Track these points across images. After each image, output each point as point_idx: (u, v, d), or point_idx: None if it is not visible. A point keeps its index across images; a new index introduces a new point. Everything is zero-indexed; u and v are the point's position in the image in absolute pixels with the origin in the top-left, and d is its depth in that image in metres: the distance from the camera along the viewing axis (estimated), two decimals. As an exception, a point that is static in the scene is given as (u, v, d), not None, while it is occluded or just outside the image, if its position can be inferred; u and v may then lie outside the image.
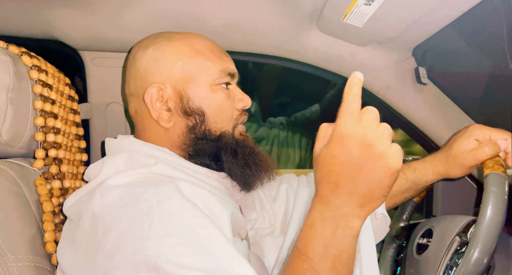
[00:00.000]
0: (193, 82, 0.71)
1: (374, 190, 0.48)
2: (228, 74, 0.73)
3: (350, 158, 0.48)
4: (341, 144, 0.48)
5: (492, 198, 0.61)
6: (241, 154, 0.72)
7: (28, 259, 0.62)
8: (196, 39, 0.74)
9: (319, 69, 1.08)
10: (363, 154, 0.47)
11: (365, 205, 0.49)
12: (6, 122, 0.66)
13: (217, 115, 0.72)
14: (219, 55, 0.74)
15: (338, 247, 0.49)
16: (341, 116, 0.49)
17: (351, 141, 0.48)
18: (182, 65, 0.71)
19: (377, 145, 0.47)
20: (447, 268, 0.70)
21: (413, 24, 0.86)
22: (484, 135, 0.76)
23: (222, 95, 0.72)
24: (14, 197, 0.66)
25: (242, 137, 0.75)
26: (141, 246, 0.50)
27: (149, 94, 0.70)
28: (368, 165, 0.47)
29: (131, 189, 0.58)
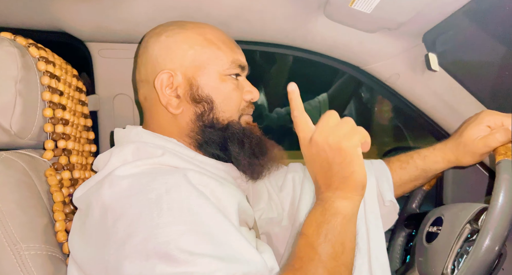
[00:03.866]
0: (204, 71, 0.71)
1: (338, 171, 0.57)
2: (238, 65, 0.74)
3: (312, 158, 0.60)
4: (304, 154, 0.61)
5: (504, 185, 0.60)
6: (248, 144, 0.73)
7: (41, 248, 0.63)
8: (208, 29, 0.75)
9: (327, 57, 1.06)
10: (316, 150, 0.58)
11: (341, 187, 0.57)
12: (16, 113, 0.67)
13: (225, 104, 0.72)
14: (230, 46, 0.75)
15: (328, 223, 0.56)
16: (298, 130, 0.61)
17: (304, 147, 0.60)
18: (193, 53, 0.71)
19: (321, 137, 0.57)
20: (457, 256, 0.69)
21: (423, 9, 0.84)
22: (495, 121, 0.75)
23: (231, 85, 0.73)
24: (25, 188, 0.67)
25: (249, 126, 0.76)
26: (151, 234, 0.51)
27: (159, 80, 0.70)
28: (323, 156, 0.58)
29: (139, 179, 0.59)
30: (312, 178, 0.62)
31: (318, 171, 0.59)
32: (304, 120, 0.60)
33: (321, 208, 0.58)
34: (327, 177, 0.58)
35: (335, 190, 0.58)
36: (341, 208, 0.57)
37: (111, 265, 0.53)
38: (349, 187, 0.57)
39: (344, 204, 0.57)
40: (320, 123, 0.58)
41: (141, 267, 0.50)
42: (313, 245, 0.55)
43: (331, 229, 0.56)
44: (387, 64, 1.04)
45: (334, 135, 0.56)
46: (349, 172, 0.56)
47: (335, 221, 0.57)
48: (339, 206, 0.57)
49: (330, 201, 0.58)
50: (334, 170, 0.57)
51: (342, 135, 0.56)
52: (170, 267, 0.49)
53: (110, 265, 0.53)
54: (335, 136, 0.56)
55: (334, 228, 0.56)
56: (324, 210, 0.58)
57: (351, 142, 0.56)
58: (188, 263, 0.49)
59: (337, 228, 0.56)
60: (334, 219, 0.57)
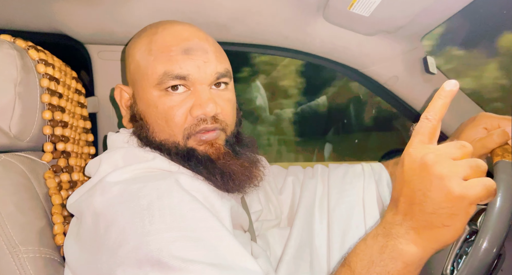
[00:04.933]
0: (141, 86, 0.67)
1: (430, 214, 0.44)
2: (175, 77, 0.64)
3: (410, 178, 0.46)
4: (403, 162, 0.48)
5: (502, 186, 0.60)
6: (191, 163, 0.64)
7: (39, 251, 0.63)
8: (159, 34, 0.67)
9: (326, 60, 1.07)
10: (420, 174, 0.45)
11: (421, 231, 0.46)
12: (15, 115, 0.67)
13: (159, 124, 0.65)
14: (170, 54, 0.65)
15: (384, 267, 0.47)
16: (412, 135, 0.48)
17: (410, 159, 0.47)
18: (134, 66, 0.68)
19: (436, 166, 0.44)
20: (456, 257, 0.69)
21: (421, 13, 0.84)
22: (492, 123, 0.75)
23: (168, 102, 0.64)
24: (24, 190, 0.67)
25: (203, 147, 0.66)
26: (143, 241, 0.50)
27: (116, 93, 0.72)
28: (425, 185, 0.44)
29: (131, 185, 0.58)
30: (393, 195, 0.49)
31: (407, 195, 0.46)
32: (433, 128, 0.47)
33: (382, 243, 0.48)
34: (413, 210, 0.46)
35: (411, 230, 0.46)
36: (407, 254, 0.46)
37: (103, 272, 0.52)
38: (430, 237, 0.45)
39: (412, 251, 0.46)
40: (445, 148, 0.45)
41: (134, 274, 0.49)
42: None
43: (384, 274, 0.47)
44: (386, 66, 1.04)
45: (454, 172, 0.43)
46: (442, 224, 0.44)
47: (393, 267, 0.46)
48: (405, 251, 0.46)
49: (397, 240, 0.47)
50: (426, 209, 0.45)
51: (463, 178, 0.43)
52: (162, 274, 0.48)
53: (103, 272, 0.53)
54: (454, 174, 0.43)
55: (388, 274, 0.46)
56: (384, 248, 0.47)
57: (470, 192, 0.43)
58: (181, 270, 0.48)
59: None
60: (393, 264, 0.46)
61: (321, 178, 0.91)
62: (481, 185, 0.43)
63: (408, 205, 0.46)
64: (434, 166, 0.44)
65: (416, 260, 0.47)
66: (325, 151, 1.92)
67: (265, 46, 1.05)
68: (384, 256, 0.47)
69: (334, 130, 1.89)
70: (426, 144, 0.47)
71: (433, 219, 0.45)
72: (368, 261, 0.48)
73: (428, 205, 0.44)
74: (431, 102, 0.48)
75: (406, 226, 0.47)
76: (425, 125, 0.47)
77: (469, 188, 0.43)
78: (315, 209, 0.85)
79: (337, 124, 1.87)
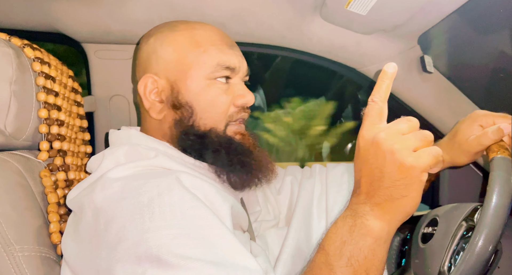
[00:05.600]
0: (186, 75, 0.69)
1: (389, 188, 0.48)
2: (225, 68, 0.70)
3: (366, 158, 0.50)
4: (358, 145, 0.51)
5: (498, 181, 0.60)
6: (224, 154, 0.69)
7: (34, 249, 0.63)
8: (199, 30, 0.72)
9: (323, 59, 1.07)
10: (375, 152, 0.48)
11: (384, 206, 0.49)
12: (10, 114, 0.66)
13: (207, 110, 0.69)
14: (220, 47, 0.71)
15: (355, 245, 0.49)
16: (363, 118, 0.51)
17: (363, 140, 0.50)
18: (177, 57, 0.70)
19: (387, 142, 0.47)
20: (453, 253, 0.69)
21: (418, 12, 0.84)
22: (487, 121, 0.75)
23: (217, 90, 0.70)
24: (20, 189, 0.67)
25: (238, 136, 0.72)
26: (143, 238, 0.51)
27: (142, 84, 0.71)
28: (380, 162, 0.48)
29: (132, 181, 0.58)
30: (355, 177, 0.53)
31: (366, 174, 0.50)
32: (379, 110, 0.50)
33: (351, 223, 0.50)
34: (373, 188, 0.49)
35: (375, 206, 0.49)
36: (375, 230, 0.49)
37: (102, 268, 0.53)
38: (392, 209, 0.48)
39: (379, 226, 0.49)
40: (392, 125, 0.49)
41: (133, 271, 0.49)
42: (333, 266, 0.49)
43: (357, 252, 0.49)
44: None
45: (403, 145, 0.47)
46: (400, 195, 0.48)
47: (363, 243, 0.49)
48: (372, 226, 0.49)
49: (364, 217, 0.50)
50: (384, 183, 0.48)
51: (412, 149, 0.47)
52: (161, 271, 0.48)
53: (102, 268, 0.53)
54: (404, 147, 0.47)
55: (360, 252, 0.49)
56: (353, 227, 0.50)
57: (420, 162, 0.46)
58: (180, 268, 0.48)
59: (364, 252, 0.49)
60: (363, 241, 0.49)
61: (319, 178, 0.91)
62: (429, 153, 0.47)
63: (368, 183, 0.50)
64: (385, 142, 0.47)
65: (383, 233, 0.49)
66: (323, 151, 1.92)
67: (262, 45, 1.05)
68: (354, 235, 0.50)
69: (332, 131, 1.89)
70: (377, 125, 0.50)
71: (392, 192, 0.48)
72: (340, 242, 0.50)
73: (385, 180, 0.48)
74: (375, 86, 0.51)
75: (370, 204, 0.50)
76: (373, 108, 0.50)
77: (419, 158, 0.46)
78: (313, 209, 0.85)
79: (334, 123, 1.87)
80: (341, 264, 0.49)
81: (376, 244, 0.49)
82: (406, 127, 0.48)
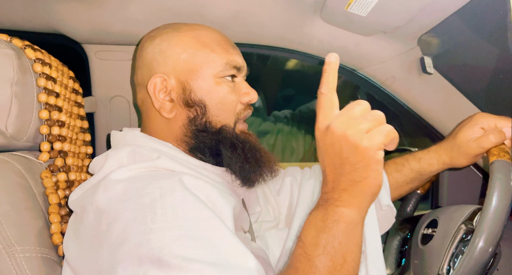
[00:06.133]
0: (197, 74, 0.71)
1: (350, 172, 0.50)
2: (233, 67, 0.72)
3: (325, 148, 0.52)
4: (317, 138, 0.53)
5: (497, 185, 0.60)
6: (240, 149, 0.71)
7: (36, 250, 0.63)
8: (203, 31, 0.74)
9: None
10: (331, 141, 0.50)
11: (349, 190, 0.50)
12: (11, 115, 0.67)
13: (219, 108, 0.71)
14: (225, 47, 0.73)
15: (329, 232, 0.51)
16: (318, 111, 0.53)
17: (319, 132, 0.52)
18: (187, 57, 0.71)
19: (339, 129, 0.49)
20: (452, 256, 0.69)
21: (418, 13, 0.84)
22: (489, 123, 0.75)
23: (226, 88, 0.72)
24: (21, 190, 0.67)
25: (244, 135, 0.75)
26: (145, 239, 0.51)
27: (152, 84, 0.71)
28: (337, 149, 0.50)
29: (134, 183, 0.58)
30: (321, 169, 0.54)
31: (329, 164, 0.52)
32: (330, 101, 0.51)
33: (323, 212, 0.52)
34: (337, 175, 0.51)
35: (342, 192, 0.51)
36: (345, 215, 0.51)
37: (104, 269, 0.53)
38: (358, 193, 0.50)
39: (349, 210, 0.51)
40: (344, 111, 0.50)
41: (134, 272, 0.49)
42: (310, 256, 0.51)
43: (331, 238, 0.50)
44: (383, 67, 1.04)
45: (355, 129, 0.48)
46: (362, 177, 0.49)
47: (337, 229, 0.50)
48: (343, 212, 0.51)
49: (333, 205, 0.51)
50: (345, 169, 0.50)
51: (364, 131, 0.48)
52: (163, 272, 0.48)
53: (103, 269, 0.53)
54: (356, 131, 0.48)
55: (334, 238, 0.50)
56: (325, 215, 0.52)
57: (373, 142, 0.48)
58: (181, 269, 0.48)
59: (338, 238, 0.50)
60: (336, 227, 0.51)
61: (318, 179, 0.91)
62: (380, 133, 0.48)
63: (332, 172, 0.52)
64: (338, 129, 0.49)
65: (354, 217, 0.51)
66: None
67: (262, 46, 1.05)
68: (328, 222, 0.51)
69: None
70: (329, 115, 0.51)
71: (353, 176, 0.49)
72: (315, 231, 0.52)
73: (345, 165, 0.50)
74: (322, 78, 0.52)
75: (338, 190, 0.51)
76: (324, 99, 0.52)
77: (371, 138, 0.48)
78: None
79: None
80: (318, 252, 0.50)
81: (349, 229, 0.51)
82: (357, 111, 0.50)
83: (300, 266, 0.51)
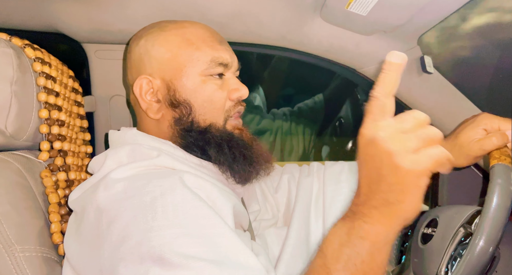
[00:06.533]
0: (181, 73, 0.70)
1: (385, 191, 0.45)
2: (219, 64, 0.71)
3: (364, 158, 0.47)
4: (359, 145, 0.47)
5: (497, 190, 0.59)
6: (226, 148, 0.70)
7: (35, 249, 0.63)
8: (189, 28, 0.73)
9: (323, 59, 1.07)
10: (373, 153, 0.45)
11: (381, 209, 0.46)
12: (11, 114, 0.66)
13: (205, 107, 0.70)
14: (211, 44, 0.72)
15: (352, 248, 0.47)
16: (368, 115, 0.47)
17: (363, 140, 0.46)
18: (170, 56, 0.70)
19: (385, 143, 0.43)
20: (451, 259, 0.69)
21: (418, 12, 0.84)
22: (492, 125, 0.73)
23: (212, 85, 0.71)
24: (20, 189, 0.67)
25: (237, 131, 0.74)
26: (146, 237, 0.51)
27: (138, 86, 0.71)
28: (377, 164, 0.45)
29: (135, 181, 0.58)
30: (358, 177, 0.50)
31: (365, 176, 0.47)
32: (382, 106, 0.45)
33: (349, 225, 0.48)
34: (371, 190, 0.46)
35: (372, 209, 0.47)
36: (372, 233, 0.47)
37: (105, 267, 0.53)
38: (390, 214, 0.46)
39: (377, 229, 0.47)
40: (395, 121, 0.45)
41: (135, 270, 0.50)
42: (329, 270, 0.48)
43: (354, 255, 0.47)
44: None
45: (402, 146, 0.43)
46: (397, 200, 0.45)
47: (361, 247, 0.47)
48: (370, 230, 0.47)
49: (361, 220, 0.47)
50: (381, 187, 0.45)
51: (412, 151, 0.43)
52: (164, 270, 0.49)
53: (105, 267, 0.53)
54: (402, 148, 0.43)
55: (358, 255, 0.47)
56: (351, 229, 0.48)
57: (418, 166, 0.42)
58: (182, 267, 0.48)
59: (362, 256, 0.47)
60: (360, 244, 0.47)
61: (317, 176, 0.91)
62: (429, 156, 0.42)
63: (367, 185, 0.47)
64: (383, 143, 0.43)
65: (381, 237, 0.47)
66: (323, 149, 1.92)
67: (262, 46, 1.04)
68: (352, 237, 0.47)
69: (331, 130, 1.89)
70: (378, 122, 0.45)
71: (388, 196, 0.45)
72: (338, 244, 0.48)
73: (382, 183, 0.45)
74: (378, 79, 0.47)
75: (368, 206, 0.47)
76: (375, 104, 0.46)
77: (417, 162, 0.42)
78: (311, 208, 0.85)
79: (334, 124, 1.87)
80: (338, 267, 0.47)
81: (374, 248, 0.47)
82: (409, 125, 0.44)
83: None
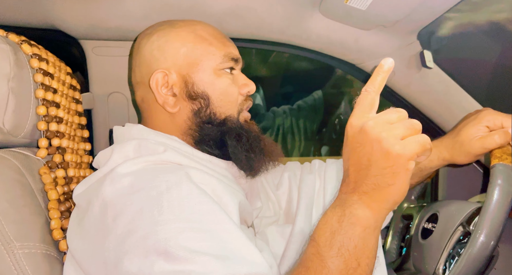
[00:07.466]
0: (197, 67, 0.72)
1: (376, 176, 0.48)
2: (231, 59, 0.74)
3: (353, 146, 0.50)
4: (347, 133, 0.51)
5: (497, 191, 0.59)
6: (245, 138, 0.72)
7: (35, 246, 0.63)
8: (198, 25, 0.75)
9: (322, 54, 1.06)
10: (362, 140, 0.49)
11: (371, 194, 0.49)
12: (8, 111, 0.66)
13: (221, 99, 0.72)
14: (222, 40, 0.74)
15: (344, 234, 0.49)
16: (354, 107, 0.51)
17: (352, 129, 0.50)
18: (186, 51, 0.72)
19: (374, 131, 0.47)
20: (449, 257, 0.69)
21: (418, 7, 0.84)
22: (495, 122, 0.71)
23: (227, 79, 0.73)
24: (19, 186, 0.66)
25: (247, 123, 0.76)
26: (151, 231, 0.51)
27: (154, 80, 0.71)
28: (367, 150, 0.48)
29: (141, 176, 0.59)
30: (344, 167, 0.53)
31: (354, 163, 0.50)
32: (371, 99, 0.50)
33: (340, 213, 0.50)
34: (361, 176, 0.49)
35: (362, 195, 0.49)
36: (363, 218, 0.49)
37: (110, 261, 0.53)
38: (380, 198, 0.49)
39: (367, 214, 0.49)
40: (381, 114, 0.49)
41: (140, 263, 0.50)
42: (323, 257, 0.49)
43: (347, 241, 0.49)
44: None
45: (391, 133, 0.47)
46: (387, 184, 0.48)
47: (353, 232, 0.49)
48: (361, 215, 0.49)
49: (352, 207, 0.50)
50: (371, 172, 0.48)
51: (399, 137, 0.47)
52: (168, 264, 0.49)
53: (109, 261, 0.53)
54: (391, 135, 0.47)
55: (350, 241, 0.49)
56: (342, 216, 0.50)
57: (406, 150, 0.46)
58: (187, 261, 0.49)
59: (354, 241, 0.49)
60: (352, 230, 0.49)
61: (318, 174, 0.91)
62: (416, 142, 0.47)
63: (356, 172, 0.50)
64: (373, 131, 0.47)
65: (372, 222, 0.50)
66: (322, 147, 1.92)
67: (261, 41, 1.04)
68: (344, 224, 0.49)
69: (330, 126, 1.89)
70: (366, 114, 0.50)
71: (378, 180, 0.48)
72: (330, 232, 0.50)
73: (372, 168, 0.48)
74: (371, 78, 0.52)
75: (359, 192, 0.50)
76: (365, 97, 0.51)
77: (405, 146, 0.46)
78: (314, 205, 0.85)
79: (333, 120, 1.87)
80: (332, 254, 0.49)
81: (366, 233, 0.49)
82: (394, 117, 0.49)
83: (312, 266, 0.50)
